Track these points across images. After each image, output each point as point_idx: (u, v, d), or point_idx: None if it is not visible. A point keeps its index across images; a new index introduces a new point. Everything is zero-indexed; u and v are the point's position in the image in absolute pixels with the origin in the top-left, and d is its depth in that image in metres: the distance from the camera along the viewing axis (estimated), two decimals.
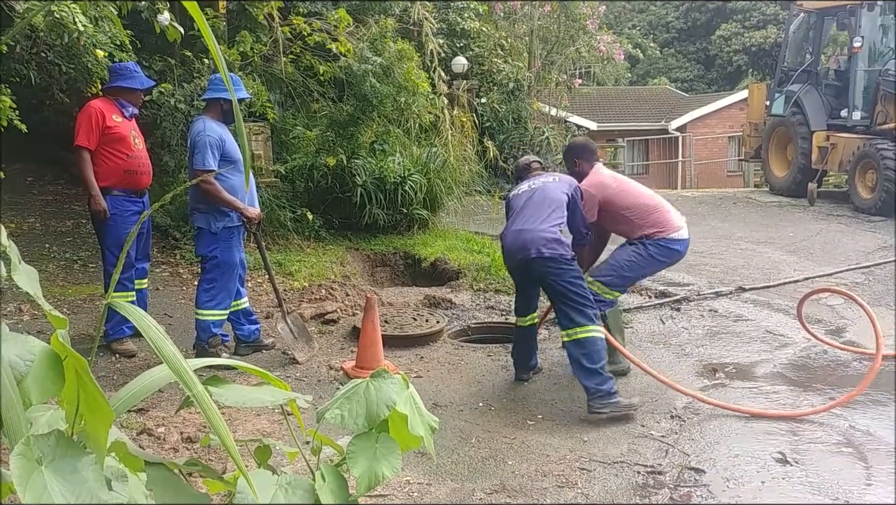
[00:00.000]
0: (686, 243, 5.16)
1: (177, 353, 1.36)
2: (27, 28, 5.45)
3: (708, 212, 12.02)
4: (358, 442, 1.65)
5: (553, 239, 4.62)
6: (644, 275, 5.32)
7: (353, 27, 9.24)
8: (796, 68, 13.40)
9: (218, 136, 5.16)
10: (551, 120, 14.90)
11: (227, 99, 5.21)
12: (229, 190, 5.18)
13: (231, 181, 5.22)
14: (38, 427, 1.36)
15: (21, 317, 5.85)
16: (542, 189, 4.90)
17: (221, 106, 5.26)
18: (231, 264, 5.31)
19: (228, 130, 5.35)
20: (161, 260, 7.59)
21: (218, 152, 5.15)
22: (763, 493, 3.52)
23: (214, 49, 1.40)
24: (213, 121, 5.24)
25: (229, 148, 5.23)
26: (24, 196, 9.38)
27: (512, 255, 4.83)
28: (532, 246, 4.62)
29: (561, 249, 4.61)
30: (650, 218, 5.07)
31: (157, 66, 8.20)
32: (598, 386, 4.38)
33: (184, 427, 4.11)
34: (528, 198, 4.92)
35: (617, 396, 4.40)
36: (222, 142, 5.17)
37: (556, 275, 4.59)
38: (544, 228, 4.65)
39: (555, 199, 4.80)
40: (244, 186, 5.24)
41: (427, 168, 9.53)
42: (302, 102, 9.59)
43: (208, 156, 5.08)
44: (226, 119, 5.31)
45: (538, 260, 4.62)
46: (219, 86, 5.27)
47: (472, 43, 13.55)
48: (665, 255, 5.08)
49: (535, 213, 4.76)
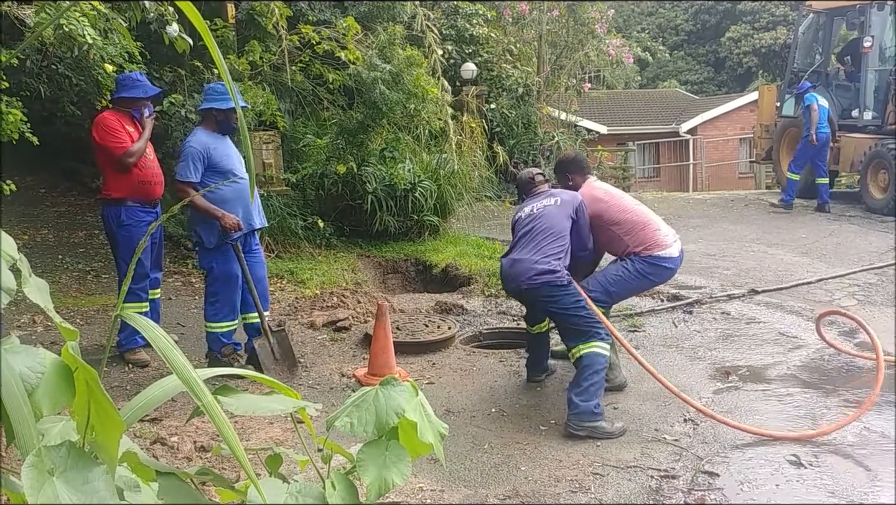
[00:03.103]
0: (676, 261, 5.02)
1: (186, 363, 1.37)
2: (37, 42, 5.50)
3: (719, 214, 11.98)
4: (368, 450, 1.65)
5: (544, 270, 4.54)
6: (631, 291, 5.20)
7: (361, 35, 9.27)
8: (806, 69, 13.34)
9: (203, 146, 5.11)
10: (561, 124, 14.89)
11: (219, 109, 5.17)
12: (218, 201, 5.10)
13: (222, 192, 5.12)
14: (50, 438, 1.37)
15: (35, 328, 5.89)
16: (544, 216, 4.80)
17: (215, 116, 5.22)
18: (230, 276, 5.23)
19: (226, 140, 5.32)
20: (173, 270, 7.63)
21: (201, 164, 5.10)
22: (777, 496, 3.50)
23: (218, 59, 1.41)
24: (206, 131, 5.22)
25: (218, 158, 5.16)
26: (36, 208, 9.46)
27: (507, 283, 4.88)
28: (522, 277, 4.61)
29: (552, 277, 4.53)
30: (638, 235, 4.97)
31: (167, 77, 8.26)
32: (582, 402, 4.28)
33: (197, 436, 4.13)
34: (528, 224, 4.85)
35: (601, 419, 4.30)
36: (207, 152, 5.11)
37: (552, 301, 4.59)
38: (537, 260, 4.59)
39: (555, 227, 4.72)
40: (242, 196, 5.16)
41: (437, 174, 9.55)
42: (312, 111, 9.63)
43: (188, 167, 5.07)
44: (221, 129, 5.26)
45: (529, 291, 4.64)
46: (212, 96, 5.23)
47: (481, 49, 13.57)
48: (653, 273, 4.98)
49: (533, 242, 4.71)
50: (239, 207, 5.17)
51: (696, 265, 8.25)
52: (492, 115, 13.34)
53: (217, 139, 5.22)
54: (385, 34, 9.07)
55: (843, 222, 10.72)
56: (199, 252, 5.42)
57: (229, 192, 5.14)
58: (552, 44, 15.12)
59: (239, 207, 5.17)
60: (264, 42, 8.92)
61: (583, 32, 14.94)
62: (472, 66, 12.83)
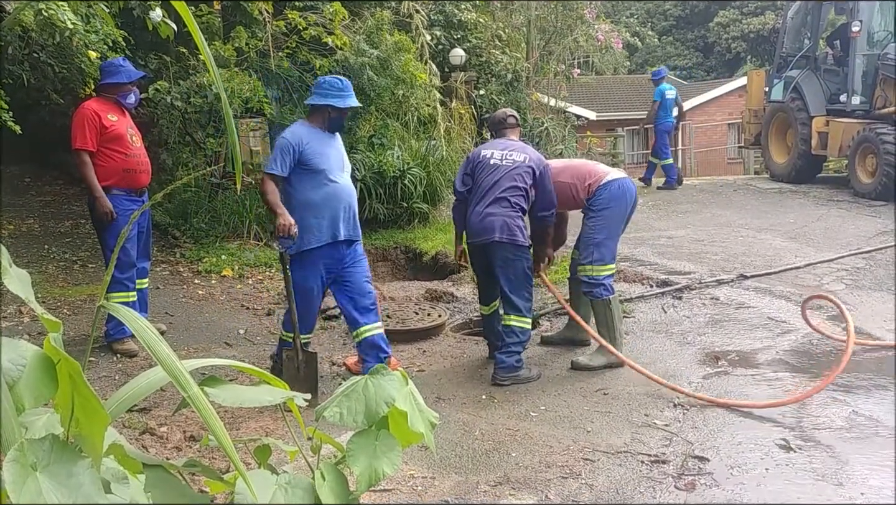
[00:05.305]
0: (624, 182, 5.28)
1: (172, 354, 1.35)
2: (19, 28, 5.43)
3: (708, 199, 12.00)
4: (358, 440, 1.64)
5: (514, 228, 4.93)
6: (616, 229, 5.30)
7: (348, 20, 9.20)
8: (795, 54, 13.34)
9: (297, 140, 4.59)
10: (550, 110, 14.87)
11: (335, 107, 4.69)
12: (304, 202, 4.62)
13: (309, 194, 4.63)
14: (35, 431, 1.35)
15: (21, 319, 5.84)
16: (513, 170, 5.05)
17: (328, 113, 4.72)
18: (305, 290, 4.71)
19: (331, 139, 4.81)
20: (161, 259, 7.58)
21: (290, 158, 4.57)
22: (767, 480, 3.51)
23: (202, 44, 1.38)
24: (307, 125, 4.74)
25: (311, 155, 4.61)
26: (22, 197, 9.37)
27: (475, 236, 5.09)
28: (494, 231, 4.93)
29: (521, 237, 4.96)
30: (581, 173, 5.31)
31: (152, 64, 8.18)
32: (506, 358, 4.92)
33: (186, 426, 4.12)
34: (493, 173, 5.08)
35: (521, 370, 4.94)
36: (300, 146, 4.58)
37: (511, 261, 4.96)
38: (510, 215, 4.94)
39: (522, 185, 5.01)
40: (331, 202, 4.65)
41: (426, 161, 9.51)
42: (300, 97, 9.56)
43: (275, 159, 4.59)
44: (331, 127, 4.78)
45: (496, 246, 4.95)
46: (329, 92, 4.69)
47: (470, 34, 13.50)
48: (615, 200, 5.21)
49: (502, 196, 4.98)
50: (325, 214, 4.65)
51: (685, 251, 8.26)
52: (481, 102, 13.30)
53: (317, 136, 4.70)
54: (372, 19, 9.01)
55: (831, 207, 10.75)
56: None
57: (317, 195, 4.64)
58: (541, 29, 15.07)
59: (325, 214, 4.65)
60: (250, 28, 8.84)
61: (572, 18, 14.90)
62: (461, 51, 12.77)
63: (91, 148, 5.12)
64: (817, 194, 11.83)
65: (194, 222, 8.12)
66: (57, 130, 9.10)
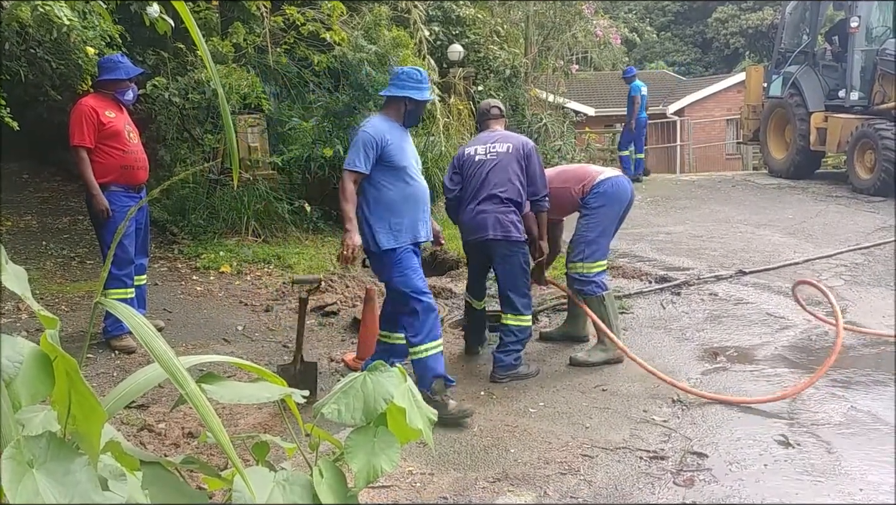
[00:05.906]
0: (618, 180, 5.31)
1: (169, 350, 1.34)
2: (16, 24, 5.41)
3: (707, 195, 12.00)
4: (356, 436, 1.64)
5: (509, 224, 4.90)
6: (609, 228, 5.30)
7: (346, 16, 9.18)
8: (793, 50, 13.34)
9: (379, 135, 4.33)
10: (549, 106, 14.83)
11: (412, 99, 4.45)
12: (384, 202, 4.37)
13: (390, 192, 4.37)
14: (32, 428, 1.34)
15: (19, 315, 5.83)
16: (497, 164, 5.02)
17: (406, 105, 4.48)
18: (413, 268, 4.40)
19: (406, 133, 4.58)
20: (159, 255, 7.56)
21: (373, 152, 4.31)
22: (765, 475, 3.51)
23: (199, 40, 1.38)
24: (385, 119, 4.48)
25: (393, 151, 4.36)
26: (20, 193, 9.35)
27: (469, 234, 5.09)
28: (488, 229, 4.91)
29: (516, 233, 4.93)
30: (576, 176, 5.38)
31: (150, 60, 8.16)
32: (504, 357, 4.91)
33: (185, 422, 4.11)
34: (479, 169, 5.04)
35: (519, 367, 4.93)
36: (384, 141, 4.33)
37: (508, 257, 4.94)
38: (503, 211, 4.91)
39: (511, 177, 4.98)
40: (410, 201, 4.41)
41: (425, 157, 9.48)
42: (298, 93, 9.54)
43: (357, 154, 4.30)
44: (408, 120, 4.55)
45: (492, 243, 4.94)
46: (407, 83, 4.44)
47: (468, 30, 13.46)
48: (609, 198, 5.23)
49: (492, 192, 4.95)
50: (405, 214, 4.39)
51: (683, 247, 8.26)
52: (479, 97, 13.26)
53: (396, 130, 4.45)
54: (370, 15, 8.99)
55: (829, 203, 10.76)
56: (370, 258, 4.58)
57: (396, 194, 4.39)
58: (539, 25, 15.03)
59: (405, 214, 4.39)
60: (248, 24, 8.82)
61: (570, 13, 14.87)
62: (459, 47, 12.73)
63: (89, 144, 5.11)
64: (816, 190, 11.83)
65: (192, 219, 8.10)
66: (55, 127, 9.08)
